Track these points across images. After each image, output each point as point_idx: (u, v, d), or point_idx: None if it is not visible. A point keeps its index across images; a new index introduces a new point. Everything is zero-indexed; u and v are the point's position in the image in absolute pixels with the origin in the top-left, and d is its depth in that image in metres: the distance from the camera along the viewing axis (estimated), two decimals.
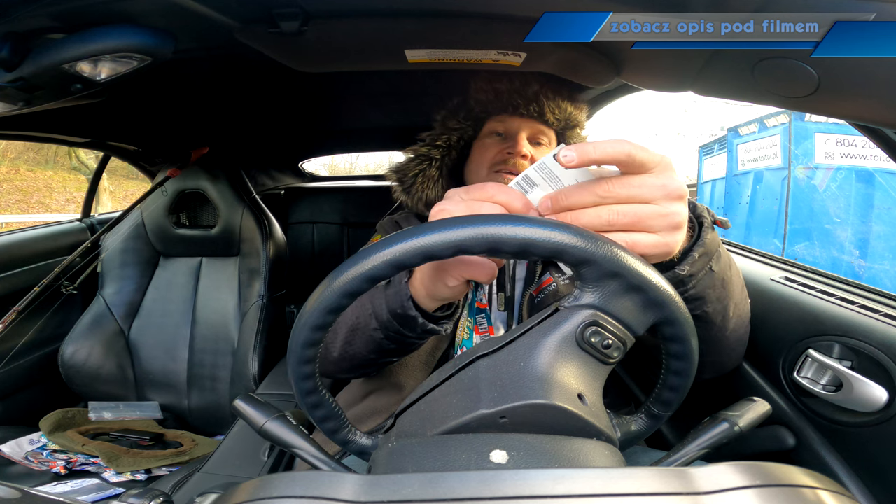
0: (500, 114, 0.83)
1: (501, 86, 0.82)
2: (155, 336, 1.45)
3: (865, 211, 4.18)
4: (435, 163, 0.86)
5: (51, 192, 10.56)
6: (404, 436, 0.39)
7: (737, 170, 5.40)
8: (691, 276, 0.49)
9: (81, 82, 0.67)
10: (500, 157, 0.81)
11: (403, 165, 0.87)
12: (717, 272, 0.51)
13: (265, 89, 1.16)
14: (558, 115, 0.82)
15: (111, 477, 1.05)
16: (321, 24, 0.65)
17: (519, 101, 0.80)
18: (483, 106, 0.84)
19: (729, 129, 5.60)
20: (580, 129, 0.87)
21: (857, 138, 4.16)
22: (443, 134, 0.86)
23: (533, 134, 0.82)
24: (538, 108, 0.80)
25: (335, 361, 0.66)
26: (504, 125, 0.83)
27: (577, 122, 0.85)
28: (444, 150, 0.87)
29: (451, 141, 0.86)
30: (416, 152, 0.87)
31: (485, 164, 0.82)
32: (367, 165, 9.12)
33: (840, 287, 0.73)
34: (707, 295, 0.51)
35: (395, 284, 0.55)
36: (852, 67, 0.46)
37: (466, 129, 0.86)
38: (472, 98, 0.85)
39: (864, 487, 0.60)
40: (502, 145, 0.82)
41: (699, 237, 0.49)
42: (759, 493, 0.24)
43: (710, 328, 0.55)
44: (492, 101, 0.83)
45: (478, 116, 0.85)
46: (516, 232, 0.36)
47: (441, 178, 0.86)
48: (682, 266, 0.48)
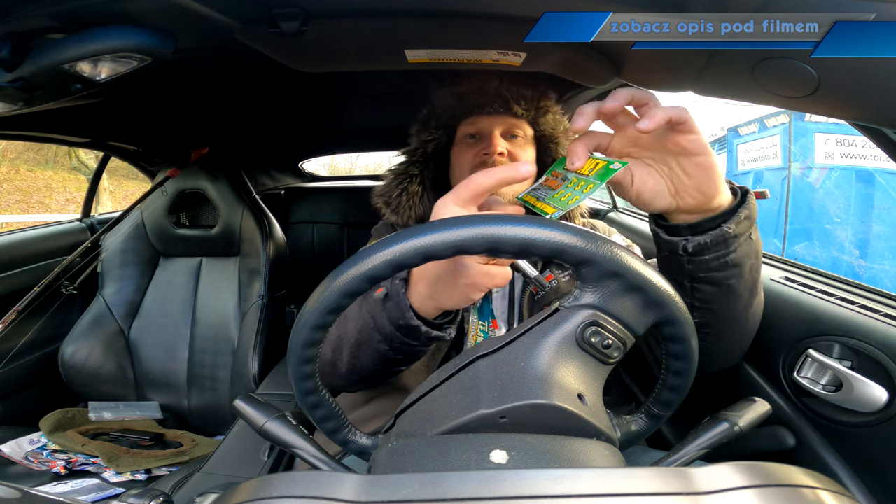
0: (469, 116, 0.82)
1: (461, 89, 0.82)
2: (155, 336, 1.45)
3: (865, 211, 4.17)
4: (415, 178, 0.85)
5: (51, 192, 10.56)
6: (404, 436, 0.39)
7: (737, 170, 5.40)
8: (735, 236, 0.50)
9: (81, 82, 0.67)
10: (477, 159, 0.80)
11: (386, 187, 0.87)
12: (755, 241, 0.53)
13: (265, 89, 1.16)
14: (525, 105, 0.81)
15: (111, 477, 1.05)
16: (321, 24, 0.65)
17: (482, 99, 0.80)
18: (450, 112, 0.83)
19: (729, 129, 5.60)
20: (553, 114, 0.85)
21: (857, 138, 4.16)
22: (418, 148, 0.86)
23: (506, 129, 0.81)
24: (503, 103, 0.80)
25: (344, 376, 0.66)
26: (475, 127, 0.82)
27: (545, 106, 0.84)
28: (421, 164, 0.86)
29: (428, 152, 0.86)
30: (395, 172, 0.87)
31: (465, 169, 0.82)
32: (367, 165, 9.13)
33: (840, 287, 0.73)
34: (743, 263, 0.52)
35: (393, 297, 0.55)
36: (852, 67, 0.46)
37: (440, 137, 0.85)
38: (437, 107, 0.85)
39: (864, 487, 0.60)
40: (477, 147, 0.81)
41: (744, 199, 0.51)
42: (759, 493, 0.24)
43: (736, 303, 0.55)
44: (456, 105, 0.83)
45: (448, 123, 0.84)
46: (516, 232, 0.36)
47: (425, 192, 0.85)
48: (730, 224, 0.49)
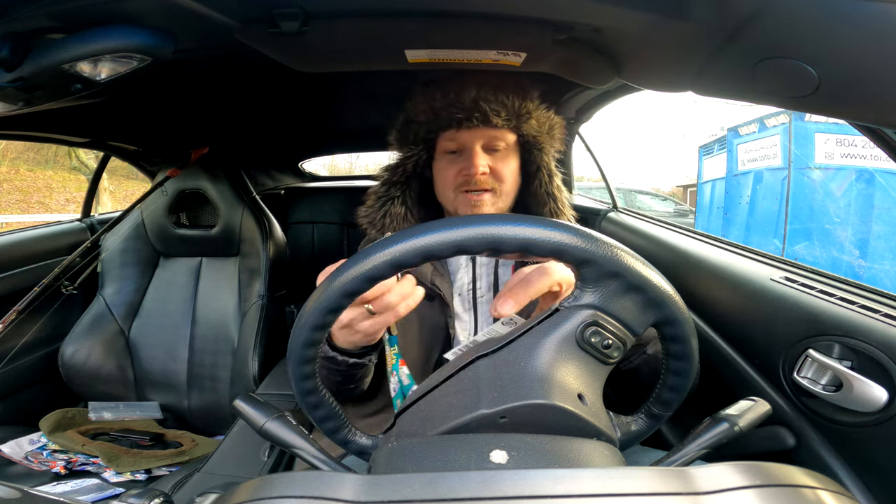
0: (447, 130, 0.78)
1: (436, 102, 0.77)
2: (155, 336, 1.45)
3: (865, 211, 4.17)
4: (397, 200, 0.83)
5: (51, 192, 10.56)
6: (404, 436, 0.39)
7: (737, 170, 5.40)
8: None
9: (81, 82, 0.67)
10: (460, 178, 0.78)
11: (369, 209, 0.85)
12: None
13: (265, 89, 1.16)
14: (505, 115, 0.76)
15: (111, 477, 1.05)
16: (321, 24, 0.65)
17: (458, 114, 0.75)
18: (426, 126, 0.79)
19: (729, 129, 5.60)
20: (535, 119, 0.80)
21: (857, 138, 4.16)
22: (398, 167, 0.83)
23: (486, 142, 0.78)
24: (481, 115, 0.74)
25: None
26: (455, 142, 0.78)
27: (528, 111, 0.79)
28: (402, 185, 0.83)
29: (408, 170, 0.83)
30: (377, 194, 0.85)
31: (448, 187, 0.80)
32: (367, 165, 9.13)
33: (840, 287, 0.72)
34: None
35: None
36: (852, 67, 0.46)
37: (420, 153, 0.81)
38: (413, 121, 0.80)
39: (864, 487, 0.60)
40: (458, 164, 0.78)
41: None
42: (759, 493, 0.24)
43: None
44: (432, 119, 0.78)
45: (426, 137, 0.80)
46: (517, 232, 0.36)
47: (408, 211, 0.83)
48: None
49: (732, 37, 0.51)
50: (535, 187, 0.84)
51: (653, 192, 8.69)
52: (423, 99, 0.79)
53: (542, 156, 0.83)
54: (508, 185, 0.80)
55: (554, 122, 0.83)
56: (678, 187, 13.67)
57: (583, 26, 0.65)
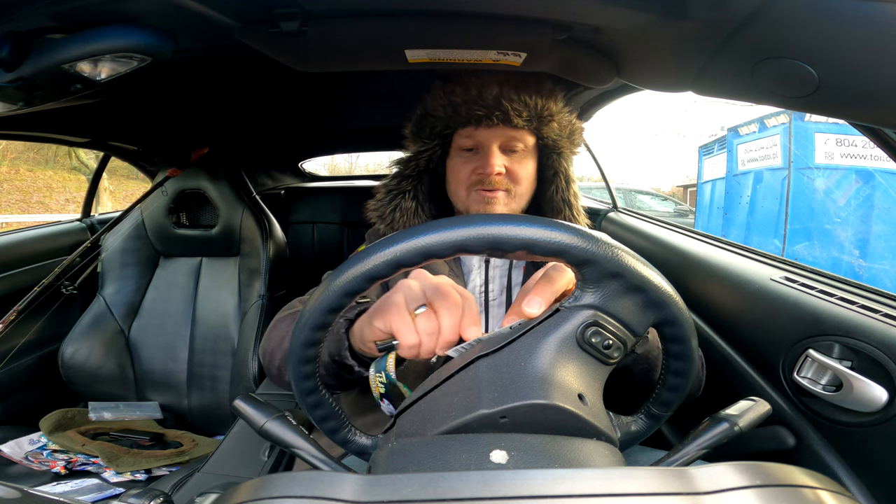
0: (465, 127, 0.76)
1: (457, 98, 0.75)
2: (155, 336, 1.45)
3: (865, 211, 4.17)
4: (409, 194, 0.81)
5: (51, 192, 10.57)
6: (404, 435, 0.39)
7: (737, 170, 5.40)
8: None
9: (81, 82, 0.67)
10: (474, 176, 0.76)
11: (378, 202, 0.84)
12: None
13: (265, 89, 1.16)
14: (526, 116, 0.74)
15: (111, 477, 1.05)
16: (321, 24, 0.65)
17: (479, 111, 0.73)
18: (444, 122, 0.77)
19: (729, 129, 5.60)
20: (557, 122, 0.78)
21: (857, 138, 4.16)
22: (411, 160, 0.82)
23: (504, 142, 0.76)
24: (502, 114, 0.72)
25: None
26: (472, 139, 0.76)
27: (550, 113, 0.76)
28: (414, 179, 0.82)
29: (421, 166, 0.81)
30: (388, 188, 0.83)
31: (461, 185, 0.78)
32: (367, 165, 9.15)
33: (840, 287, 0.73)
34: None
35: (334, 333, 0.55)
36: (852, 67, 0.46)
37: (434, 149, 0.80)
38: (431, 114, 0.78)
39: (864, 487, 0.60)
40: (474, 163, 0.76)
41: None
42: (759, 493, 0.24)
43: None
44: (451, 115, 0.75)
45: (442, 133, 0.78)
46: (517, 232, 0.36)
47: (419, 206, 0.82)
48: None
49: (732, 37, 0.51)
50: (550, 193, 0.82)
51: (653, 192, 8.70)
52: (443, 93, 0.77)
53: (560, 161, 0.81)
54: (524, 188, 0.79)
55: (575, 126, 0.81)
56: (678, 187, 13.69)
57: (583, 26, 0.65)
